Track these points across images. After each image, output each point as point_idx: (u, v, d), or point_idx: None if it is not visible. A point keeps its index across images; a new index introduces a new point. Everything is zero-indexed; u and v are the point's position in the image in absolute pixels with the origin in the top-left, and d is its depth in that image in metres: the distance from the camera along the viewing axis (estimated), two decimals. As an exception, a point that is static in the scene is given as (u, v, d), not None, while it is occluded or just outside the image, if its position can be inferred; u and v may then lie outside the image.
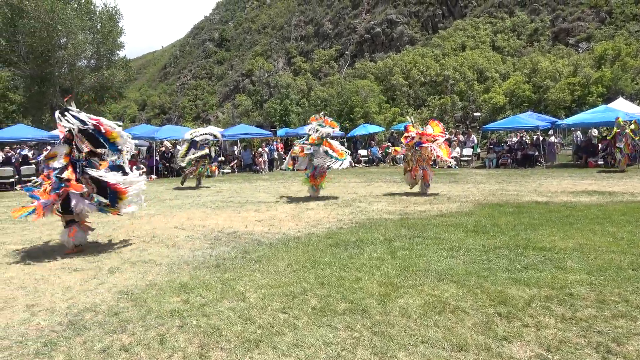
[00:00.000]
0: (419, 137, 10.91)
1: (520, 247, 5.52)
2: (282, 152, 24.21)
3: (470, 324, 3.46)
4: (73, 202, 5.95)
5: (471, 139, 22.52)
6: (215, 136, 15.45)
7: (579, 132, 22.27)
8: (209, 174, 16.96)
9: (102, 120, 6.38)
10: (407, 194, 11.25)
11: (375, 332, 3.38)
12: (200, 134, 14.92)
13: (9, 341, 3.43)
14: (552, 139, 20.38)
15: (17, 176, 16.83)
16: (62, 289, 4.60)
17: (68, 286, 4.67)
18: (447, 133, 12.06)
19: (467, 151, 21.72)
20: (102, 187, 6.21)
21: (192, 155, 14.47)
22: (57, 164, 6.07)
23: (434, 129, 11.10)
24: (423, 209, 8.80)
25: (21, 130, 19.66)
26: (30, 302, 4.25)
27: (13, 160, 17.95)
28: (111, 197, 6.20)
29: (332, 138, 11.10)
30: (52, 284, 4.76)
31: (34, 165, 17.17)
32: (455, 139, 22.32)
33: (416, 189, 11.48)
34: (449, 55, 43.42)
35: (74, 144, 6.21)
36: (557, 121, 21.48)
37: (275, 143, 24.73)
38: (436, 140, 10.81)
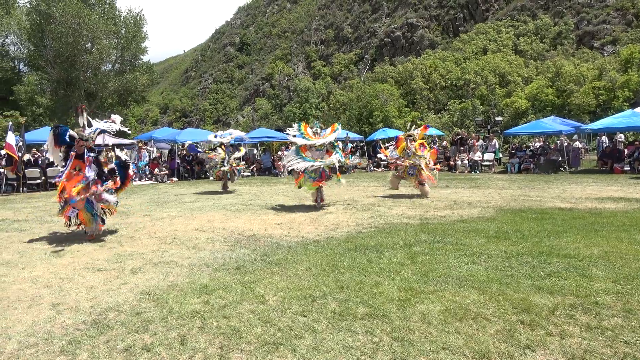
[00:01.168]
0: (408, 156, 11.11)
1: (544, 254, 5.42)
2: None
3: (493, 332, 3.41)
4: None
5: (492, 143, 22.24)
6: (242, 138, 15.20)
7: (604, 137, 21.80)
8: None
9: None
10: (426, 199, 11.16)
11: (395, 337, 3.36)
12: (228, 135, 14.72)
13: (36, 338, 3.51)
14: (577, 144, 20.00)
15: (43, 177, 17.23)
16: (86, 288, 4.69)
17: (92, 286, 4.76)
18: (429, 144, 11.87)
19: (489, 156, 21.46)
20: None
21: (237, 154, 14.38)
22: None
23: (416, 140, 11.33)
24: (443, 214, 8.71)
25: (48, 133, 20.15)
26: (56, 300, 4.34)
27: (40, 162, 18.39)
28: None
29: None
30: (77, 284, 4.85)
31: (60, 167, 17.53)
32: (473, 142, 22.08)
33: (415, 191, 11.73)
34: (470, 59, 43.02)
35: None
36: (581, 126, 21.08)
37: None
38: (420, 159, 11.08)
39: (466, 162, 21.07)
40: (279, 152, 24.61)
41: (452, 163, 21.99)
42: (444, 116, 37.53)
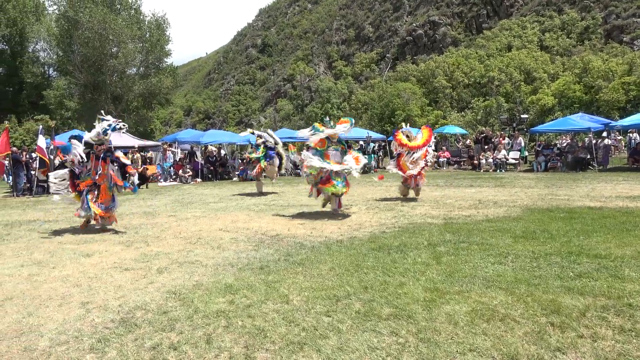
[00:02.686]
0: (406, 149, 10.84)
1: (573, 254, 5.29)
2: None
3: (521, 333, 3.34)
4: None
5: (518, 141, 21.85)
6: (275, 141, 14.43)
7: (635, 134, 21.15)
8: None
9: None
10: (450, 198, 11.03)
11: (421, 338, 3.32)
12: (263, 134, 14.25)
13: (66, 336, 3.59)
14: (607, 141, 19.46)
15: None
16: (114, 287, 4.78)
17: (120, 285, 4.85)
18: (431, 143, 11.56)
19: (514, 154, 21.10)
20: None
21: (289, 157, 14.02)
22: None
23: (423, 134, 11.09)
24: (468, 214, 8.59)
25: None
26: (85, 299, 4.44)
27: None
28: None
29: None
30: (105, 283, 4.95)
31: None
32: (499, 140, 21.73)
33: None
34: (494, 56, 42.30)
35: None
36: (610, 122, 20.50)
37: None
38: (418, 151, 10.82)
39: (491, 160, 20.75)
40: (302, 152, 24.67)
41: (475, 162, 21.69)
42: (467, 114, 36.98)
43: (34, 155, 16.51)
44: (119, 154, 8.41)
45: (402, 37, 59.62)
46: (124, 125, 8.57)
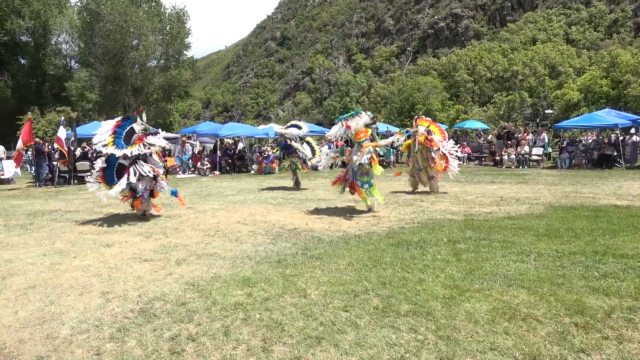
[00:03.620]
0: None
1: (598, 254, 5.18)
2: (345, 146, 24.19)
3: (544, 333, 3.28)
4: None
5: (541, 137, 21.45)
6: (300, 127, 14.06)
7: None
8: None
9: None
10: (471, 194, 10.91)
11: (440, 336, 3.29)
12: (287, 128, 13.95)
13: (87, 325, 3.66)
14: (635, 138, 18.97)
15: (92, 170, 17.97)
16: (134, 277, 4.85)
17: (139, 275, 4.92)
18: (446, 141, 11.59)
19: (537, 151, 20.74)
20: None
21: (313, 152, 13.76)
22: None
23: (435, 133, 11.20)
24: (489, 211, 8.49)
25: (97, 127, 20.96)
26: (105, 289, 4.52)
27: (89, 156, 19.19)
28: None
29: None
30: (125, 273, 5.03)
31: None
32: (523, 136, 21.38)
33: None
34: (517, 50, 41.59)
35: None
36: (639, 119, 19.97)
37: (335, 140, 24.79)
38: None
39: (513, 156, 20.45)
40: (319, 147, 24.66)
41: (497, 158, 21.39)
42: (489, 109, 36.49)
43: (55, 146, 16.83)
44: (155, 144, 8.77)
45: (423, 30, 58.97)
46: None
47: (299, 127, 13.85)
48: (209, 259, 5.53)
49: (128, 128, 8.68)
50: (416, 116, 12.46)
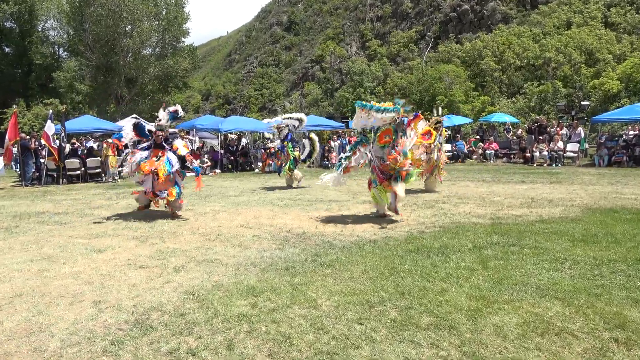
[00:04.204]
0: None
1: (642, 262, 5.13)
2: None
3: (581, 350, 3.26)
4: None
5: (577, 132, 21.27)
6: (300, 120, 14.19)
7: None
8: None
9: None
10: (499, 195, 10.85)
11: (465, 352, 3.28)
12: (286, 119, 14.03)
13: (78, 337, 3.71)
14: (682, 132, 18.73)
15: (82, 168, 18.16)
16: (128, 286, 4.90)
17: (134, 283, 4.97)
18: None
19: (572, 146, 20.56)
20: None
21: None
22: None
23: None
24: (519, 213, 8.44)
25: (87, 122, 21.24)
26: (97, 298, 4.57)
27: (79, 152, 19.39)
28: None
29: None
30: (118, 281, 5.08)
31: (99, 158, 18.46)
32: (556, 131, 21.20)
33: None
34: (550, 35, 41.20)
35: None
36: (687, 111, 19.70)
37: (347, 136, 24.80)
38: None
39: (545, 153, 20.30)
40: (330, 142, 24.68)
41: (528, 154, 21.25)
42: (519, 100, 36.21)
43: (42, 142, 17.02)
44: (178, 143, 9.18)
45: (445, 14, 58.66)
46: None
47: (301, 121, 14.09)
48: (210, 266, 5.56)
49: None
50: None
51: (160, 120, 9.15)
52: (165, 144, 9.07)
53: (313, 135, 14.72)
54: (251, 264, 5.58)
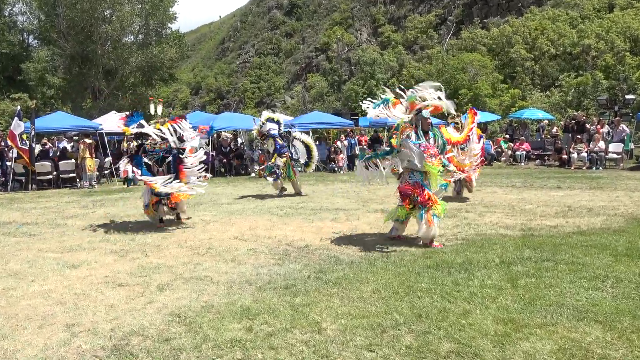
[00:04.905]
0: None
1: (696, 280, 5.11)
2: (365, 147, 24.23)
3: (624, 381, 3.25)
4: None
5: (620, 130, 21.20)
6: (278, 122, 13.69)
7: None
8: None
9: None
10: (531, 203, 10.82)
11: (491, 383, 3.27)
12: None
13: (48, 365, 3.72)
14: None
15: (54, 172, 18.23)
16: (105, 306, 4.91)
17: (112, 304, 4.99)
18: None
19: (615, 147, 20.49)
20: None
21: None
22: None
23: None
24: (554, 224, 8.42)
25: (60, 119, 21.31)
26: (70, 320, 4.58)
27: (51, 154, 19.48)
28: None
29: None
30: (94, 301, 5.10)
31: (73, 160, 18.52)
32: (596, 129, 21.14)
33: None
34: (590, 19, 41.16)
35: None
36: None
37: (357, 135, 24.82)
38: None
39: (584, 154, 20.24)
40: (336, 142, 24.71)
41: (564, 156, 21.20)
42: (553, 94, 36.18)
43: (9, 142, 17.11)
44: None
45: (469, -5, 58.71)
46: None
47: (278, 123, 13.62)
48: (199, 284, 5.57)
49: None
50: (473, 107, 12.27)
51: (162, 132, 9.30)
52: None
53: (307, 139, 14.30)
54: (246, 282, 5.59)
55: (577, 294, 4.82)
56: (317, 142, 24.90)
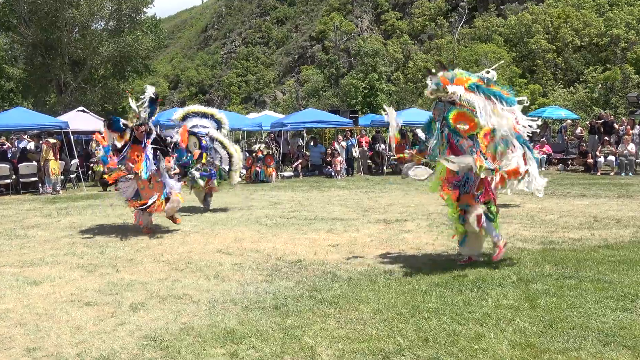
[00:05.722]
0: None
1: None
2: (366, 149, 24.26)
3: (656, 414, 3.27)
4: None
5: (653, 131, 21.29)
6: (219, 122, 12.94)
7: None
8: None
9: None
10: (552, 213, 10.85)
11: (506, 415, 3.29)
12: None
13: (6, 395, 3.71)
14: None
15: (14, 176, 18.14)
16: (71, 328, 4.90)
17: (78, 325, 4.97)
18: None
19: (647, 150, 20.57)
20: None
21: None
22: None
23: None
24: (577, 236, 8.44)
25: (20, 116, 21.15)
26: (31, 344, 4.56)
27: (9, 156, 19.37)
28: None
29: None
30: (59, 322, 5.08)
31: (35, 163, 18.41)
32: (626, 130, 21.22)
33: None
34: (619, 5, 41.42)
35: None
36: None
37: (356, 135, 24.85)
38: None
39: (612, 158, 20.31)
40: (333, 143, 24.72)
41: (590, 160, 21.27)
42: (578, 90, 36.37)
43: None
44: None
45: (483, -22, 58.98)
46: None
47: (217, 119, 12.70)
48: (177, 303, 5.57)
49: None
50: None
51: (138, 112, 9.73)
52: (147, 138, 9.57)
53: (224, 140, 12.86)
54: (230, 301, 5.58)
55: (603, 315, 4.82)
56: (312, 144, 24.96)
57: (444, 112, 6.87)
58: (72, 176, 20.23)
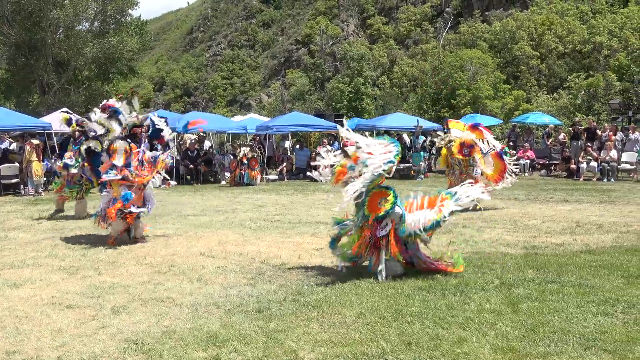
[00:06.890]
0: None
1: None
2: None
3: (635, 417, 3.29)
4: None
5: (634, 137, 21.48)
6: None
7: None
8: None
9: None
10: (535, 218, 10.93)
11: (488, 419, 3.30)
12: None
13: (-16, 399, 3.67)
14: None
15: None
16: (52, 332, 4.86)
17: (59, 328, 4.93)
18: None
19: (629, 156, 20.76)
20: None
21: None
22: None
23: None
24: (560, 241, 8.51)
25: (2, 117, 20.96)
26: (10, 347, 4.52)
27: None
28: None
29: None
30: (39, 325, 5.03)
31: (17, 164, 18.25)
32: (608, 136, 21.41)
33: None
34: (602, 13, 41.83)
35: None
36: None
37: (342, 140, 24.87)
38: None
39: (594, 164, 20.49)
40: (319, 147, 24.72)
41: (572, 166, 21.44)
42: (561, 97, 36.62)
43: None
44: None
45: (468, -16, 59.39)
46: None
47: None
48: (159, 307, 5.54)
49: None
50: (446, 118, 13.10)
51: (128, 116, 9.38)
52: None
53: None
54: (213, 304, 5.56)
55: (585, 319, 4.87)
56: (298, 147, 24.95)
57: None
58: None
